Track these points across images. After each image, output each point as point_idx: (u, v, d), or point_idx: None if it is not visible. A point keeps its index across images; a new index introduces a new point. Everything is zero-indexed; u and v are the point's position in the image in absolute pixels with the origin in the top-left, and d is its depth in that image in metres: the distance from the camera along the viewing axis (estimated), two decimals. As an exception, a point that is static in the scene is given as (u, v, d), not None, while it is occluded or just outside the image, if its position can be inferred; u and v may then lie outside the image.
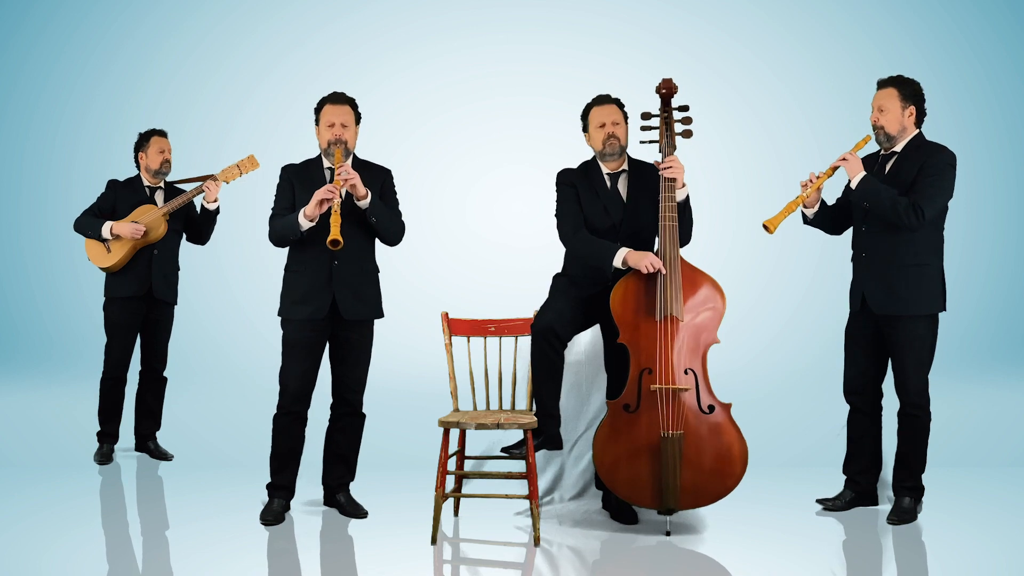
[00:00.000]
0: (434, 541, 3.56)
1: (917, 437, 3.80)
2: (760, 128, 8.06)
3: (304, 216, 3.71)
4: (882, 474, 4.06)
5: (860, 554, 3.53)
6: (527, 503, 4.01)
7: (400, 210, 3.96)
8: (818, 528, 3.80)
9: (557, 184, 3.95)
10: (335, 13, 8.26)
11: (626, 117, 3.90)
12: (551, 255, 4.26)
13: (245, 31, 8.32)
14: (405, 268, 6.74)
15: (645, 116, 3.90)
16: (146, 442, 5.01)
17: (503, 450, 3.72)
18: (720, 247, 7.27)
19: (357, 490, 4.02)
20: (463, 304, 5.60)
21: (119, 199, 4.87)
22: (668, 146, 3.84)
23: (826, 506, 4.02)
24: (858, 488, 4.01)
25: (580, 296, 3.81)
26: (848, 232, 4.05)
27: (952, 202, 3.79)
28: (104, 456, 4.86)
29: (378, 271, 3.97)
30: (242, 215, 6.65)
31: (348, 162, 3.87)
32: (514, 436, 4.16)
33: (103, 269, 4.85)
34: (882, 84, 3.85)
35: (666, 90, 3.89)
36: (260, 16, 8.32)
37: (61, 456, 5.02)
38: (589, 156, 3.97)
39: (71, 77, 8.43)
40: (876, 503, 4.03)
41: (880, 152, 3.91)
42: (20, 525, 3.81)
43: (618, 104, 3.91)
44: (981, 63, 8.21)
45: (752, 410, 4.43)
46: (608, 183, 3.89)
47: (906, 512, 3.80)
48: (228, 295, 7.90)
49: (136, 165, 4.97)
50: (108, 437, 4.90)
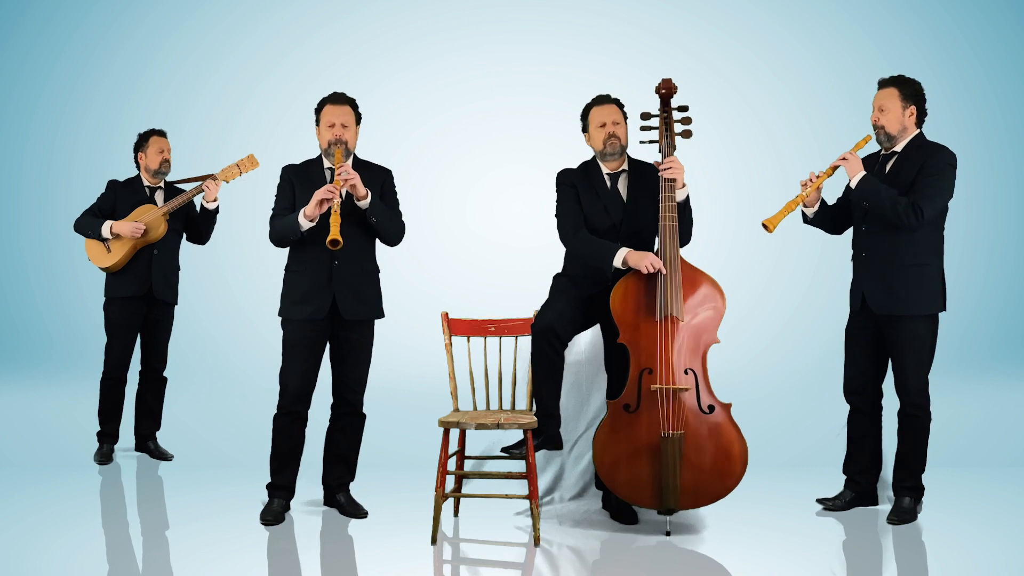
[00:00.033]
0: (434, 541, 3.56)
1: (917, 437, 3.80)
2: (760, 128, 8.06)
3: (304, 216, 3.71)
4: (882, 474, 4.06)
5: (860, 554, 3.53)
6: (527, 503, 4.01)
7: (400, 210, 3.96)
8: (818, 528, 3.80)
9: (557, 184, 3.95)
10: (335, 13, 8.26)
11: (626, 117, 3.91)
12: (551, 255, 4.26)
13: (245, 31, 8.32)
14: (405, 268, 6.74)
15: (645, 116, 3.90)
16: (146, 442, 5.01)
17: (503, 450, 3.72)
18: (720, 247, 7.27)
19: (357, 490, 4.02)
20: (463, 304, 5.60)
21: (119, 199, 4.87)
22: (668, 146, 3.84)
23: (826, 506, 4.02)
24: (858, 488, 4.01)
25: (580, 296, 3.81)
26: (848, 232, 4.05)
27: (952, 202, 3.79)
28: (104, 456, 4.86)
29: (378, 271, 3.97)
30: (242, 215, 6.66)
31: (348, 162, 3.87)
32: (514, 436, 4.16)
33: (103, 269, 4.85)
34: (883, 84, 3.85)
35: (665, 90, 3.89)
36: (260, 16, 8.32)
37: (61, 456, 5.02)
38: (589, 156, 3.97)
39: (71, 77, 8.43)
40: (876, 503, 4.03)
41: (881, 152, 3.91)
42: (20, 525, 3.81)
43: (618, 104, 3.91)
44: (981, 63, 8.21)
45: (752, 410, 4.43)
46: (608, 183, 3.89)
47: (906, 512, 3.80)
48: (228, 295, 7.90)
49: (136, 165, 4.97)
50: (108, 437, 4.90)
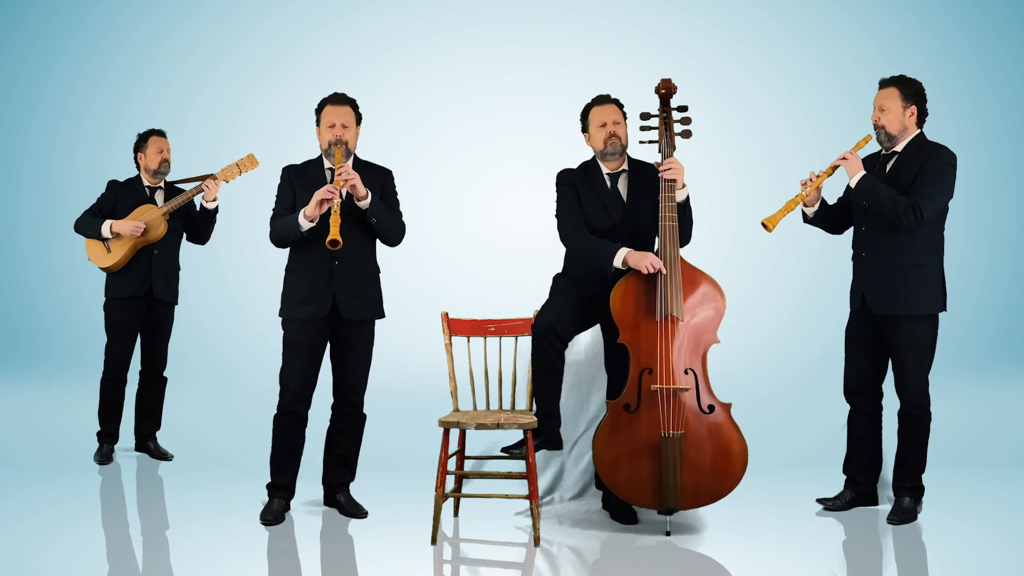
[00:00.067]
0: (434, 541, 3.56)
1: (917, 437, 3.80)
2: (760, 128, 8.06)
3: (304, 216, 3.71)
4: (882, 474, 4.06)
5: (860, 554, 3.53)
6: (527, 503, 4.01)
7: (401, 211, 3.96)
8: (818, 528, 3.80)
9: (557, 184, 3.95)
10: (335, 13, 8.26)
11: (625, 117, 3.91)
12: (551, 255, 4.26)
13: (245, 31, 8.32)
14: (405, 268, 6.74)
15: (644, 116, 3.90)
16: (146, 442, 5.01)
17: (503, 450, 3.72)
18: (720, 247, 7.27)
19: (357, 490, 4.02)
20: (463, 304, 5.60)
21: (119, 199, 4.87)
22: (667, 146, 3.84)
23: (826, 506, 4.02)
24: (858, 488, 4.01)
25: (580, 296, 3.81)
26: (848, 232, 4.05)
27: (952, 202, 3.79)
28: (104, 456, 4.86)
29: (379, 271, 3.97)
30: (242, 215, 6.66)
31: (349, 163, 3.87)
32: (514, 436, 4.16)
33: (103, 269, 4.84)
34: (884, 84, 3.85)
35: (665, 90, 3.89)
36: (260, 16, 8.32)
37: (61, 456, 5.02)
38: (589, 156, 3.97)
39: (71, 77, 8.43)
40: (876, 503, 4.03)
41: (881, 152, 3.91)
42: (20, 525, 3.81)
43: (617, 104, 3.91)
44: (981, 63, 8.21)
45: (752, 410, 4.43)
46: (608, 183, 3.89)
47: (906, 512, 3.80)
48: (228, 295, 7.89)
49: (136, 165, 4.97)
50: (108, 437, 4.90)
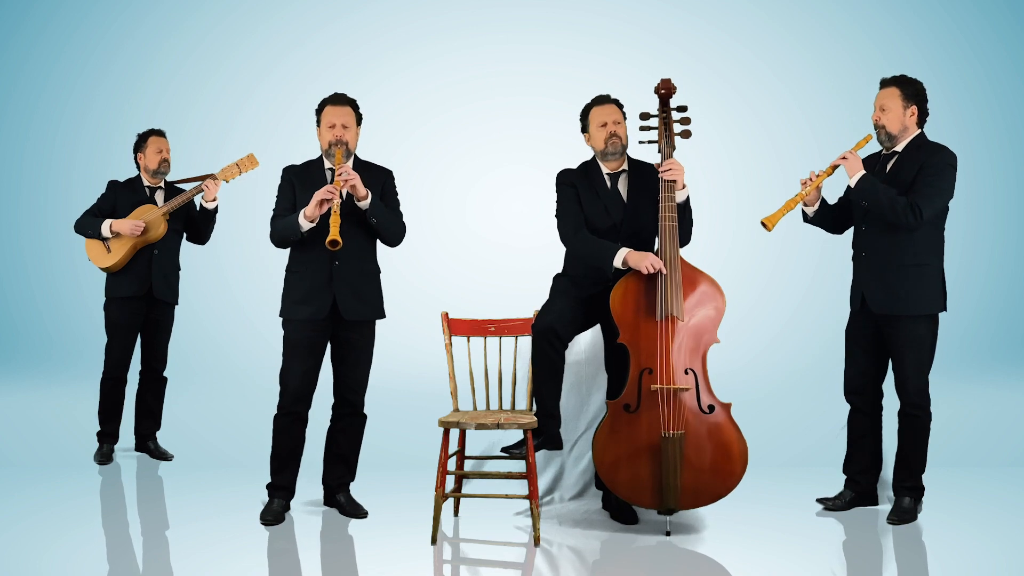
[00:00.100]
0: (434, 541, 3.56)
1: (917, 437, 3.80)
2: (760, 128, 8.06)
3: (304, 217, 3.71)
4: (882, 474, 4.06)
5: (860, 554, 3.53)
6: (527, 503, 4.01)
7: (401, 211, 3.96)
8: (818, 528, 3.80)
9: (557, 184, 3.95)
10: (335, 13, 8.26)
11: (625, 117, 3.91)
12: (551, 255, 4.26)
13: (245, 31, 8.31)
14: (405, 268, 6.73)
15: (644, 116, 3.90)
16: (146, 442, 5.01)
17: (503, 450, 3.72)
18: (720, 247, 7.27)
19: (357, 490, 4.02)
20: (463, 304, 5.60)
21: (119, 199, 4.87)
22: (667, 146, 3.84)
23: (826, 506, 4.02)
24: (858, 488, 4.01)
25: (581, 296, 3.81)
26: (848, 232, 4.05)
27: (952, 202, 3.79)
28: (104, 456, 4.86)
29: (379, 272, 3.97)
30: (242, 215, 6.66)
31: (349, 163, 3.87)
32: (514, 436, 4.16)
33: (103, 269, 4.84)
34: (885, 83, 3.85)
35: (664, 90, 3.89)
36: (260, 16, 8.32)
37: (61, 456, 5.02)
38: (589, 156, 3.97)
39: (71, 77, 8.43)
40: (876, 503, 4.03)
41: (882, 152, 3.91)
42: (20, 525, 3.81)
43: (617, 104, 3.91)
44: (981, 63, 8.21)
45: (752, 410, 4.43)
46: (608, 183, 3.89)
47: (906, 512, 3.80)
48: (228, 295, 7.89)
49: (136, 166, 4.97)
50: (108, 437, 4.90)
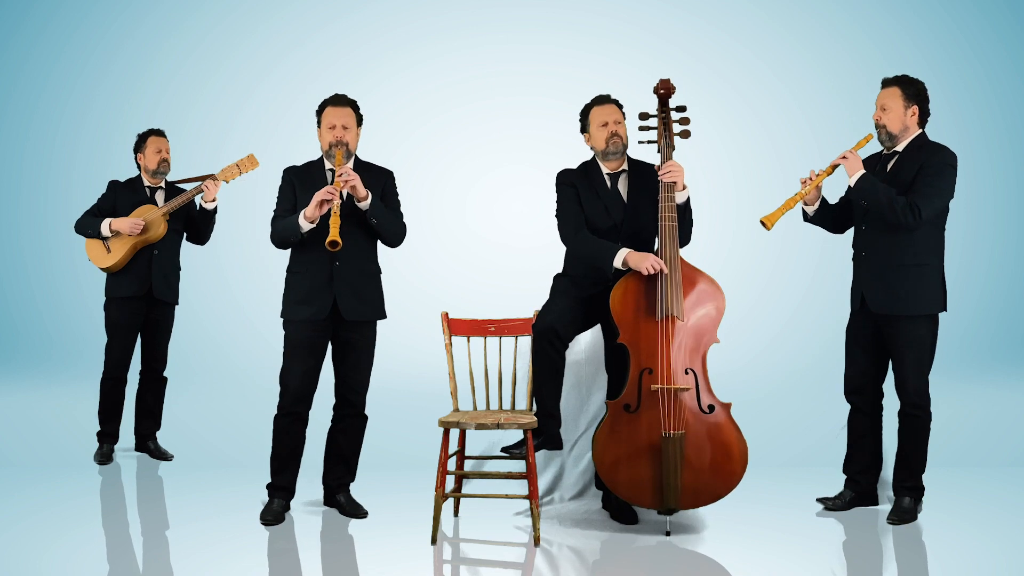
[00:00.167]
0: (434, 541, 3.56)
1: (917, 437, 3.80)
2: (760, 128, 8.06)
3: (304, 218, 3.71)
4: (882, 474, 4.06)
5: (860, 554, 3.53)
6: (527, 503, 4.01)
7: (402, 212, 3.95)
8: (818, 528, 3.80)
9: (557, 184, 3.95)
10: (335, 13, 8.26)
11: (624, 117, 3.91)
12: (551, 255, 4.26)
13: (245, 31, 8.31)
14: (405, 268, 6.73)
15: (643, 116, 3.90)
16: (146, 442, 5.01)
17: (503, 450, 3.72)
18: (720, 247, 7.27)
19: (357, 490, 4.02)
20: (463, 304, 5.61)
21: (119, 199, 4.87)
22: (667, 147, 3.84)
23: (826, 506, 4.02)
24: (858, 488, 4.01)
25: (581, 296, 3.81)
26: (849, 232, 4.05)
27: (952, 202, 3.79)
28: (104, 456, 4.86)
29: (380, 272, 3.97)
30: (242, 215, 6.66)
31: (349, 164, 3.87)
32: (514, 436, 4.16)
33: (103, 269, 4.84)
34: (886, 83, 3.85)
35: (664, 91, 3.89)
36: (260, 16, 8.32)
37: (61, 456, 5.02)
38: (589, 156, 3.97)
39: (71, 77, 8.43)
40: (876, 503, 4.03)
41: (882, 151, 3.91)
42: (20, 525, 3.81)
43: (617, 104, 3.91)
44: (981, 63, 8.21)
45: (752, 410, 4.43)
46: (608, 183, 3.89)
47: (906, 512, 3.80)
48: (228, 295, 7.89)
49: (136, 166, 4.97)
50: (108, 437, 4.90)
